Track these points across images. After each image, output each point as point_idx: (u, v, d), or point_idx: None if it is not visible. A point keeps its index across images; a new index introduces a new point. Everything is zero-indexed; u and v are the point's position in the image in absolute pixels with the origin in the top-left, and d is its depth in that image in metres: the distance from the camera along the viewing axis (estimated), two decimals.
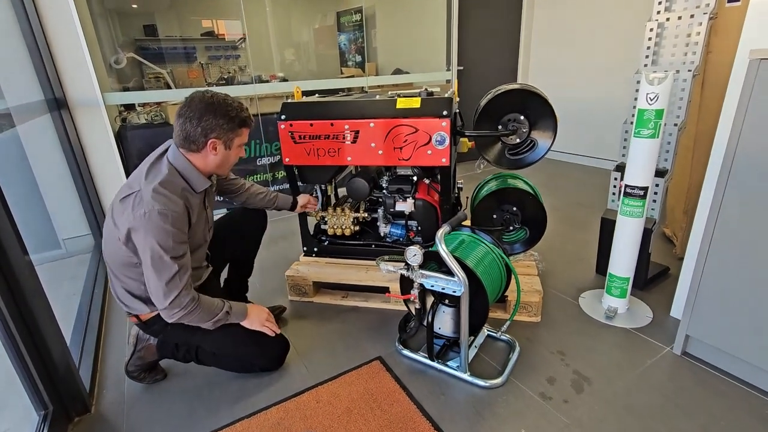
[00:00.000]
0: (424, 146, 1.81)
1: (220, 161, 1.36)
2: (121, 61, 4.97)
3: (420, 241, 2.13)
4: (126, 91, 3.70)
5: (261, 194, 1.87)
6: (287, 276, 2.10)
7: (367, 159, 1.90)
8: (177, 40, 5.84)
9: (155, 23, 5.66)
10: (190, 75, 5.47)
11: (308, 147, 1.94)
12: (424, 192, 2.04)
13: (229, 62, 5.91)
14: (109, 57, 4.89)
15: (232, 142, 1.35)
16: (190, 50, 5.93)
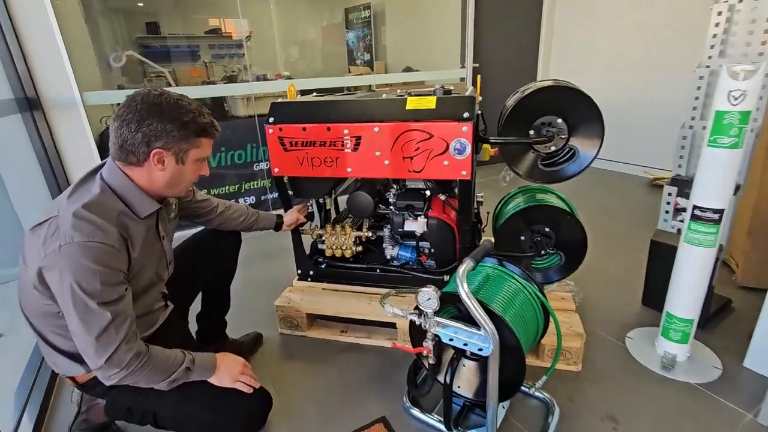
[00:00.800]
0: (440, 156, 1.48)
1: (171, 178, 1.05)
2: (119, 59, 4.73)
3: (432, 266, 1.81)
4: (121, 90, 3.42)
5: (240, 217, 1.56)
6: (277, 306, 1.79)
7: (371, 170, 1.58)
8: (180, 38, 5.60)
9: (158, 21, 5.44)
10: (193, 74, 5.21)
11: (301, 155, 1.63)
12: (439, 209, 1.71)
13: (234, 61, 5.65)
14: (107, 54, 4.68)
15: (187, 154, 1.04)
16: (193, 48, 5.69)
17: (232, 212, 1.53)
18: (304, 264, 1.94)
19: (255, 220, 1.60)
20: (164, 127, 0.97)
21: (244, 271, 2.36)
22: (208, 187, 3.12)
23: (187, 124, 1.00)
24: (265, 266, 2.48)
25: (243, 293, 2.14)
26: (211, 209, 1.46)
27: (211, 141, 1.10)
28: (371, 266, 1.86)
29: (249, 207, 1.61)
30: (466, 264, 1.13)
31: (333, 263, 1.91)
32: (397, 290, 1.66)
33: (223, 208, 1.50)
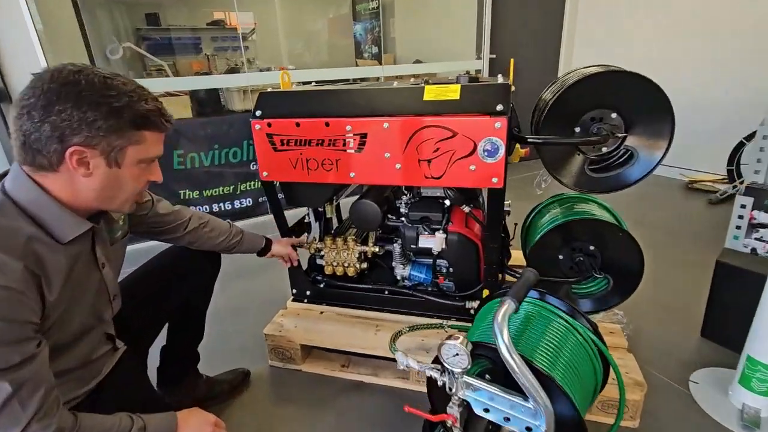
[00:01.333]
0: (466, 159, 1.19)
1: (103, 187, 0.77)
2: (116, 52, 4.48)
3: (450, 288, 1.52)
4: None
5: (218, 237, 1.27)
6: (267, 335, 1.51)
7: (379, 176, 1.29)
8: (181, 30, 5.35)
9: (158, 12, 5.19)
10: (195, 67, 4.96)
11: (294, 156, 1.34)
12: (461, 223, 1.42)
13: (237, 54, 5.38)
14: (104, 47, 4.44)
15: (122, 154, 0.76)
16: (194, 41, 5.44)
17: (209, 230, 1.24)
18: (299, 282, 1.66)
19: (238, 242, 1.31)
20: (83, 115, 0.68)
21: (226, 288, 2.10)
22: (200, 188, 2.85)
23: (119, 111, 0.72)
24: (253, 283, 2.20)
25: (224, 317, 1.87)
26: (179, 225, 1.18)
27: (159, 136, 0.82)
28: (378, 287, 1.57)
29: (233, 225, 1.33)
30: (506, 306, 0.84)
31: (333, 282, 1.63)
32: (411, 329, 1.37)
33: (196, 224, 1.22)
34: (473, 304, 1.43)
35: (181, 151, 2.73)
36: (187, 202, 2.84)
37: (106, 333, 0.95)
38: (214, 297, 1.36)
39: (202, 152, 2.80)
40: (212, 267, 1.33)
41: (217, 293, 1.37)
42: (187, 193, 2.82)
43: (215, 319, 1.78)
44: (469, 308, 1.44)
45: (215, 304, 1.38)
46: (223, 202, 2.96)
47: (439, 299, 1.47)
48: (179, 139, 2.72)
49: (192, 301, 1.29)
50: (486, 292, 1.38)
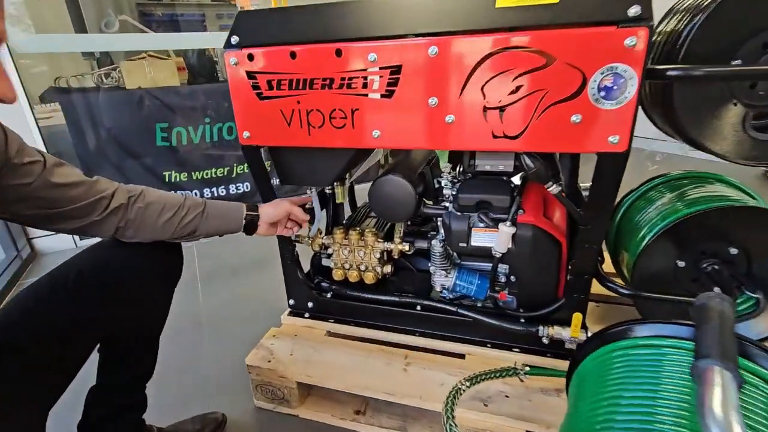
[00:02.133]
0: (566, 103, 0.72)
1: None
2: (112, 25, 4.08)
3: (510, 305, 1.06)
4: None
5: (161, 214, 0.81)
6: (250, 366, 1.07)
7: (419, 135, 0.83)
8: (185, 6, 4.93)
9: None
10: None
11: (288, 107, 0.88)
12: (537, 211, 0.94)
13: None
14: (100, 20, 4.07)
15: None
16: (199, 17, 5.01)
17: (145, 206, 0.79)
18: (298, 290, 1.22)
19: (199, 218, 0.86)
20: None
21: (195, 294, 1.68)
22: (189, 170, 2.42)
23: None
24: (235, 287, 1.76)
25: (190, 335, 1.43)
26: (93, 204, 0.73)
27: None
28: (408, 300, 1.12)
29: (190, 197, 0.88)
30: (723, 381, 0.37)
31: (345, 292, 1.18)
32: (473, 382, 0.91)
33: (123, 200, 0.76)
34: (549, 331, 0.97)
35: (165, 124, 2.30)
36: (172, 186, 2.41)
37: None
38: (176, 306, 0.93)
39: (190, 126, 2.36)
40: (168, 269, 0.89)
41: (179, 302, 0.94)
42: (173, 175, 2.40)
43: (176, 338, 1.35)
44: (542, 336, 0.98)
45: (178, 317, 0.95)
46: (216, 186, 2.53)
47: (497, 321, 1.01)
48: (163, 110, 2.28)
49: (136, 323, 0.86)
50: (578, 317, 0.91)
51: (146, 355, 0.91)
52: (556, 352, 1.02)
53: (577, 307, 0.96)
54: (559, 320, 0.99)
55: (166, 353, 1.03)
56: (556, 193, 0.85)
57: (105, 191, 0.75)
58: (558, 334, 0.96)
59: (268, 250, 1.98)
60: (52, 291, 0.74)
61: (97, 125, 2.22)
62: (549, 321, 0.99)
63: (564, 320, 0.98)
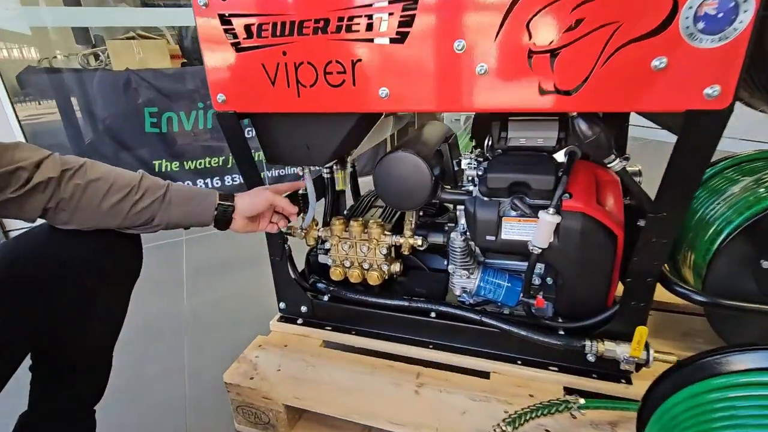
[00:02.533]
0: (644, 41, 0.52)
1: None
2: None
3: (545, 312, 0.86)
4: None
5: (107, 196, 0.63)
6: (228, 384, 0.88)
7: (441, 93, 0.63)
8: None
9: None
10: None
11: (272, 60, 0.69)
12: (587, 194, 0.74)
13: None
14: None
15: None
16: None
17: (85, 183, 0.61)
18: (289, 292, 1.03)
19: (158, 204, 0.67)
20: None
21: (179, 293, 1.46)
22: (180, 159, 2.25)
23: None
24: (225, 285, 1.57)
25: (169, 342, 1.25)
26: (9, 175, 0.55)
27: None
28: (420, 306, 0.92)
29: (149, 177, 0.69)
30: None
31: (344, 294, 0.99)
32: (514, 423, 0.71)
33: (55, 173, 0.58)
34: (599, 348, 0.77)
35: (154, 109, 2.12)
36: (163, 176, 2.23)
37: None
38: (156, 305, 0.75)
39: (182, 112, 2.18)
40: (121, 265, 0.71)
41: (161, 300, 0.75)
42: (164, 164, 2.22)
43: (153, 343, 1.17)
44: (588, 353, 0.78)
45: (157, 318, 0.77)
46: (210, 177, 2.36)
47: (531, 332, 0.82)
48: (153, 94, 2.11)
49: (79, 332, 0.68)
50: (642, 331, 0.71)
51: (91, 373, 0.73)
52: (604, 372, 0.82)
53: (634, 317, 0.76)
54: (609, 333, 0.79)
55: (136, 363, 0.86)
56: (620, 170, 0.65)
57: (25, 160, 0.57)
58: (610, 351, 0.77)
59: (236, 251, 1.80)
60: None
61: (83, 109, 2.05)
62: (596, 334, 0.79)
63: (616, 334, 0.78)
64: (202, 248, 1.87)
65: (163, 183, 0.70)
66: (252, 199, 0.78)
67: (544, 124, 0.74)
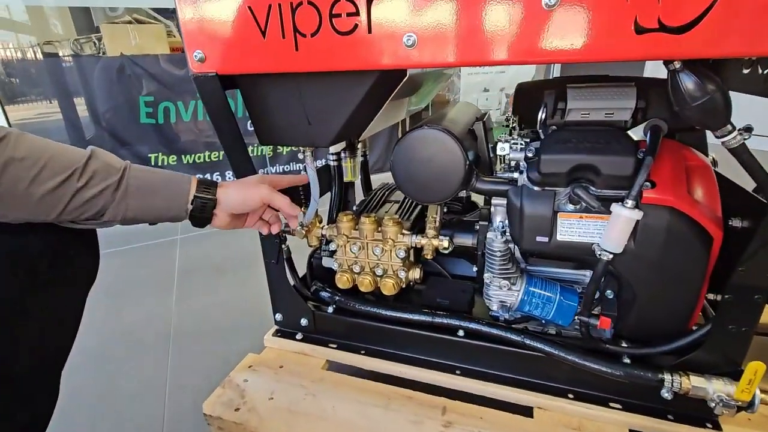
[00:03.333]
0: None
1: None
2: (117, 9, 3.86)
3: (603, 334, 0.68)
4: None
5: (34, 174, 0.46)
6: (208, 416, 0.71)
7: (494, 37, 0.46)
8: None
9: None
10: None
11: (261, 1, 0.53)
12: (677, 183, 0.56)
13: None
14: None
15: None
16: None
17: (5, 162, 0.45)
18: (288, 302, 0.86)
19: (108, 193, 0.51)
20: None
21: (168, 297, 1.29)
22: (178, 152, 2.10)
23: None
24: (207, 293, 1.40)
25: (151, 354, 1.09)
26: None
27: None
28: (444, 320, 0.75)
29: (99, 153, 0.53)
30: None
31: (353, 306, 0.81)
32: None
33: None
34: (683, 383, 0.59)
35: (150, 98, 1.98)
36: None
37: None
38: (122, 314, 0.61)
39: (180, 101, 2.04)
40: (70, 267, 0.55)
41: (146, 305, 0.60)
42: (160, 157, 2.07)
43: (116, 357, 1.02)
44: (664, 389, 0.60)
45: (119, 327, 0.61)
46: (210, 172, 2.21)
47: (588, 360, 0.64)
48: (148, 82, 1.96)
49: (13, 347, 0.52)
50: (759, 369, 0.53)
51: (31, 405, 0.56)
52: (684, 415, 0.64)
53: (731, 345, 0.58)
54: (692, 364, 0.61)
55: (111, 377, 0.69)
56: (737, 146, 0.47)
57: None
58: (698, 388, 0.59)
59: (225, 250, 1.64)
60: None
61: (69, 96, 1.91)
62: (674, 364, 0.61)
63: (701, 364, 0.60)
64: (198, 246, 1.72)
65: (120, 165, 0.54)
66: (242, 194, 0.62)
67: (617, 90, 0.57)
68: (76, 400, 0.91)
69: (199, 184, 0.60)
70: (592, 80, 0.61)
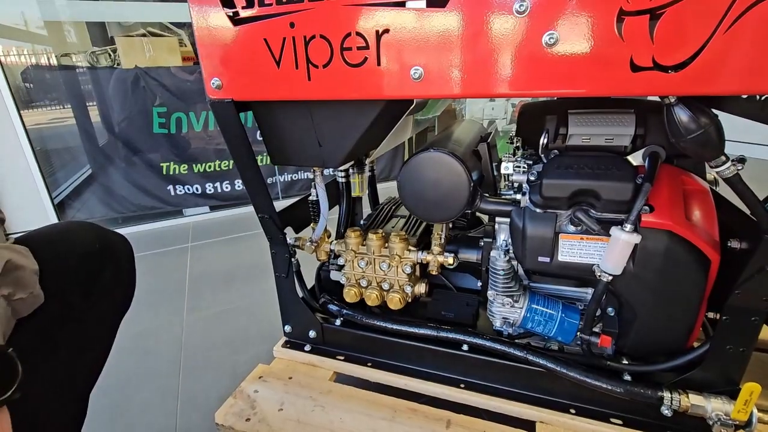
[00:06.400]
0: None
1: None
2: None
3: (606, 352, 0.69)
4: None
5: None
6: (220, 426, 0.74)
7: (497, 72, 0.48)
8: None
9: None
10: None
11: (277, 34, 0.56)
12: (675, 208, 0.58)
13: None
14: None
15: None
16: None
17: None
18: (297, 314, 0.88)
19: None
20: None
21: (160, 308, 1.31)
22: (189, 161, 2.14)
23: None
24: (218, 301, 1.44)
25: (164, 365, 1.12)
26: None
27: None
28: (448, 334, 0.77)
29: None
30: None
31: (360, 319, 0.84)
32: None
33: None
34: (682, 401, 0.60)
35: (163, 109, 2.03)
36: (171, 179, 2.13)
37: None
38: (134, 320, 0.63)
39: (191, 112, 2.08)
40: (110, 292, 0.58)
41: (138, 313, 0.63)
42: (171, 166, 2.12)
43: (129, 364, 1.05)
44: (664, 407, 0.62)
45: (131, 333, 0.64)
46: (219, 181, 2.24)
47: (589, 376, 0.65)
48: (161, 93, 2.01)
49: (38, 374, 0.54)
50: (754, 390, 0.54)
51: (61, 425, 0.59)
52: (682, 430, 0.65)
53: (729, 365, 0.59)
54: (691, 382, 0.62)
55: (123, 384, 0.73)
56: (731, 176, 0.49)
57: None
58: (697, 406, 0.60)
59: (240, 260, 1.67)
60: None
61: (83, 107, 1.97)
62: (674, 382, 0.63)
63: (701, 383, 0.62)
64: (208, 255, 1.75)
65: None
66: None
67: (617, 117, 0.59)
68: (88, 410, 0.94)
69: None
70: (592, 104, 0.63)
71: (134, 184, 2.09)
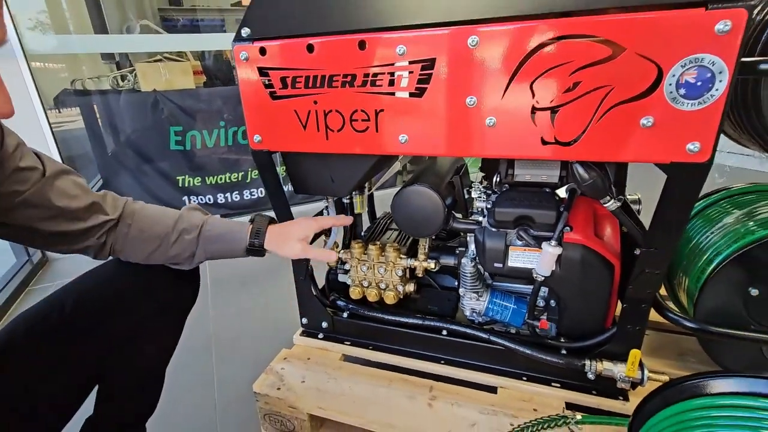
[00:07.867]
0: (635, 103, 0.60)
1: None
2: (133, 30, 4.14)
3: (549, 333, 0.93)
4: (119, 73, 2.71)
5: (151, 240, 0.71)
6: (257, 394, 0.97)
7: (454, 141, 0.71)
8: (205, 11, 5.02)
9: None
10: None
11: (304, 108, 0.78)
12: (586, 228, 0.82)
13: None
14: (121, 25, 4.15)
15: None
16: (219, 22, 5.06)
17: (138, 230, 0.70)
18: (312, 309, 1.11)
19: (188, 244, 0.74)
20: None
21: (204, 306, 1.54)
22: (203, 174, 2.36)
23: None
24: (238, 300, 1.66)
25: (193, 355, 1.34)
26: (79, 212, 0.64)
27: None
28: (433, 323, 1.00)
29: (185, 217, 0.76)
30: None
31: (362, 311, 1.07)
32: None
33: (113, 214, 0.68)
34: (597, 367, 0.84)
35: (179, 128, 2.24)
36: (185, 191, 2.35)
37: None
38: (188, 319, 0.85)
39: (205, 130, 2.30)
40: (179, 294, 0.80)
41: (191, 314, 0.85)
42: (187, 179, 2.33)
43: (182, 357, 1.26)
44: (588, 372, 0.85)
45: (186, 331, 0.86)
46: (230, 192, 2.46)
47: (535, 351, 0.89)
48: (178, 114, 2.23)
49: (139, 356, 0.76)
50: (635, 355, 0.78)
51: (142, 392, 0.81)
52: (602, 390, 0.89)
53: (630, 339, 0.83)
54: (607, 353, 0.86)
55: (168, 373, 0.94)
56: (615, 209, 0.72)
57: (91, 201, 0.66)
58: (608, 370, 0.83)
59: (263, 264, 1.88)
60: (45, 319, 0.65)
61: (112, 128, 2.18)
62: (595, 353, 0.86)
63: (613, 354, 0.85)
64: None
65: (199, 222, 0.76)
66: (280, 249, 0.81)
67: (548, 163, 0.82)
68: None
69: (252, 233, 0.80)
70: None
71: (152, 195, 2.30)
